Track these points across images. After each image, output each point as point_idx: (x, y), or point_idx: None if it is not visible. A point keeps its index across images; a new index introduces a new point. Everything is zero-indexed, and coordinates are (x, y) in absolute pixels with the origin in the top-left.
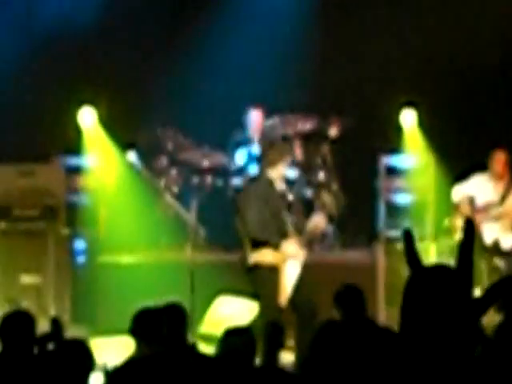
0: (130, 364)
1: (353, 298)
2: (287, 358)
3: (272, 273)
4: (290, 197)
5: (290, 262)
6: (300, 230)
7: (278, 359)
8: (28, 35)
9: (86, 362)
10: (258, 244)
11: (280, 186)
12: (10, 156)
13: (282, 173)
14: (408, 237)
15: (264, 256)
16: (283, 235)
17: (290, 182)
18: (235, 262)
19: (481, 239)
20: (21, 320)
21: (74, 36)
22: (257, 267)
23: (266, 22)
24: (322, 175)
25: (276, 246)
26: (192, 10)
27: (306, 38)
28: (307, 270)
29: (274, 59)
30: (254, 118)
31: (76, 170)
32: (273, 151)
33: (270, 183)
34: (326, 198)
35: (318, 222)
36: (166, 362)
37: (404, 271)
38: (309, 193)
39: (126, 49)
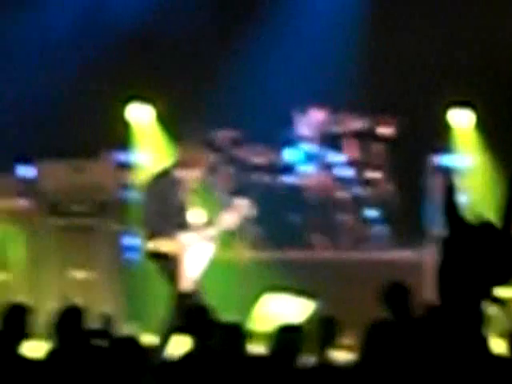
0: (182, 360)
1: (399, 295)
2: (342, 356)
3: (168, 261)
4: (342, 195)
5: (189, 251)
6: (352, 228)
7: (331, 357)
8: (83, 31)
9: (139, 359)
10: (155, 234)
11: (192, 186)
12: (62, 152)
13: (195, 176)
14: (449, 190)
15: (160, 245)
16: (184, 228)
17: (341, 180)
18: (287, 260)
19: None
20: (74, 316)
21: (129, 33)
22: (155, 255)
23: (322, 20)
24: (375, 174)
25: (171, 237)
26: (247, 9)
27: (360, 37)
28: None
29: (328, 58)
30: (309, 114)
31: (127, 166)
32: (189, 154)
33: (174, 182)
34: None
35: (228, 218)
36: (217, 358)
37: None
38: (360, 191)
39: (180, 46)
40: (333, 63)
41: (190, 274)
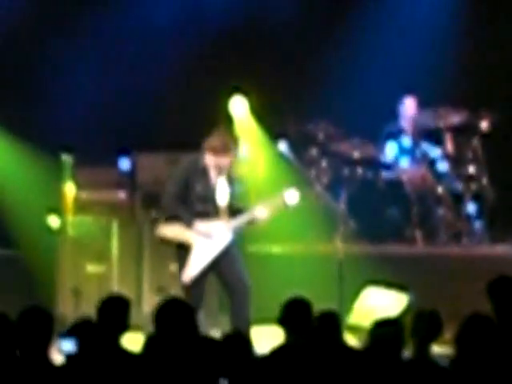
0: (277, 352)
1: (506, 288)
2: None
3: (179, 249)
4: (440, 190)
5: (203, 241)
6: (449, 223)
7: (430, 352)
8: (184, 23)
9: (246, 352)
10: (170, 219)
11: (219, 172)
12: (160, 145)
13: (221, 164)
14: None
15: (170, 231)
16: (204, 216)
17: (440, 175)
18: (384, 254)
19: None
20: (176, 308)
21: (229, 24)
22: (166, 241)
23: (422, 13)
24: (472, 169)
25: (187, 225)
26: (347, 2)
27: (459, 31)
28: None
29: (427, 51)
30: (407, 108)
31: None
32: (218, 139)
33: (200, 169)
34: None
35: (258, 212)
36: (313, 352)
37: None
38: (459, 186)
39: (281, 39)
40: (433, 56)
41: (196, 265)
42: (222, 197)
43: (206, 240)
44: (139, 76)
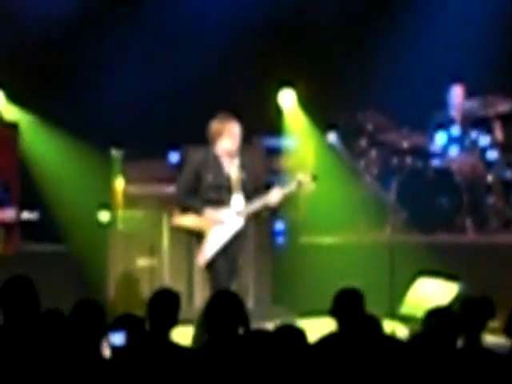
0: (324, 341)
1: None
2: (491, 340)
3: (192, 237)
4: (490, 178)
5: (216, 227)
6: (500, 211)
7: (481, 340)
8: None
9: (300, 346)
10: (183, 208)
11: (230, 160)
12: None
13: (226, 147)
14: None
15: (185, 220)
16: (216, 204)
17: (489, 164)
18: (434, 243)
19: None
20: (228, 301)
21: (277, 20)
22: (181, 230)
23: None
24: None
25: (198, 213)
26: None
27: (509, 18)
28: None
29: (476, 39)
30: (455, 96)
31: (276, 151)
32: (211, 128)
33: (214, 157)
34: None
35: (271, 197)
36: (362, 341)
37: None
38: (509, 174)
39: (322, 31)
40: (482, 44)
41: (210, 249)
42: (236, 183)
43: (219, 227)
44: (189, 70)
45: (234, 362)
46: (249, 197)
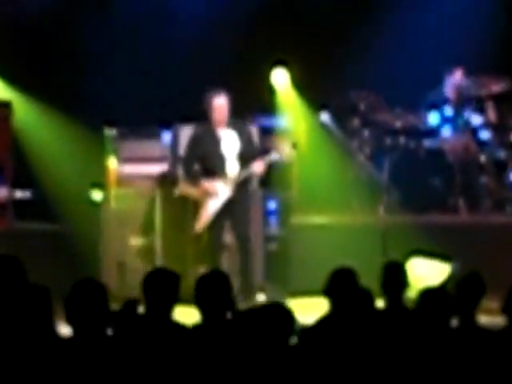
0: (322, 323)
1: None
2: (486, 320)
3: (191, 204)
4: (483, 158)
5: (210, 197)
6: (493, 191)
7: (476, 319)
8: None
9: (287, 324)
10: (183, 179)
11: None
12: (202, 117)
13: (217, 119)
14: None
15: (186, 190)
16: (212, 174)
17: (482, 144)
18: (427, 224)
19: None
20: (217, 280)
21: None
22: (183, 198)
23: None
24: None
25: (194, 184)
26: None
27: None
28: None
29: (470, 19)
30: (456, 79)
31: (269, 131)
32: (203, 102)
33: (208, 129)
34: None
35: (254, 166)
36: (356, 322)
37: None
38: (501, 154)
39: (315, 11)
40: (476, 24)
41: (205, 217)
42: (229, 150)
43: (212, 196)
44: (180, 49)
45: (225, 343)
46: (244, 166)
